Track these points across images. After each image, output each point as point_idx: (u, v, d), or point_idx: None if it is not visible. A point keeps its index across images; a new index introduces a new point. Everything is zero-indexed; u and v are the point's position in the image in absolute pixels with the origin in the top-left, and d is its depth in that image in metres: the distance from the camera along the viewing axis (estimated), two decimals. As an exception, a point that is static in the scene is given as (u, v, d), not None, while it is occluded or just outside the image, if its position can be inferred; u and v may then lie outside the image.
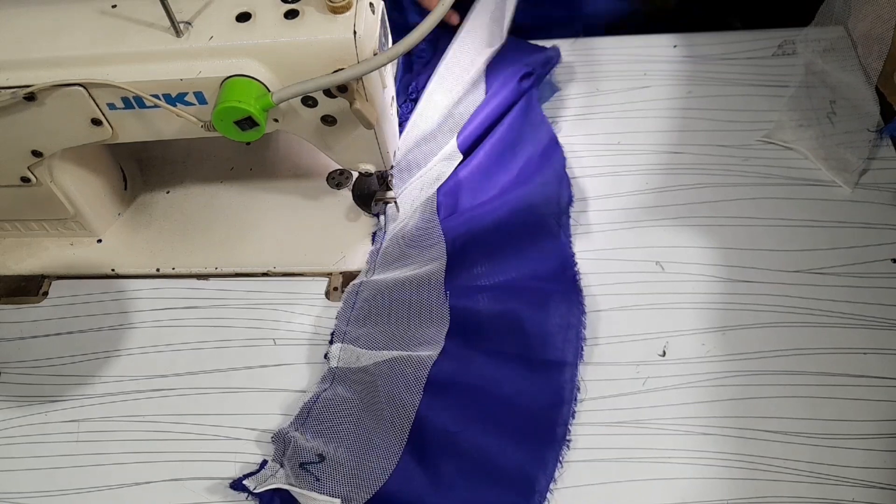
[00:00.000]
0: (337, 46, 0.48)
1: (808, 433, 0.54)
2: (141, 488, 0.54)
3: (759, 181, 0.67)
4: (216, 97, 0.49)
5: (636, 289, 0.61)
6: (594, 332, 0.59)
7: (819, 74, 0.71)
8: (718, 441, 0.54)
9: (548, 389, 0.55)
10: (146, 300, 0.63)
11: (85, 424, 0.57)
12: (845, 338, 0.58)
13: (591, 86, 0.74)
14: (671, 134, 0.71)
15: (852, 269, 0.62)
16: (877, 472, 0.52)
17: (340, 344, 0.58)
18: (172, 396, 0.58)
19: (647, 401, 0.56)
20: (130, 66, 0.49)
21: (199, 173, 0.70)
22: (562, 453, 0.53)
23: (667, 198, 0.66)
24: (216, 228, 0.67)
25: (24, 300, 0.64)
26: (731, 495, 0.52)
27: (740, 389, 0.56)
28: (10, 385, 0.60)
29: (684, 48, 0.77)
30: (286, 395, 0.58)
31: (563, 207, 0.63)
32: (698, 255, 0.63)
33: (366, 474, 0.52)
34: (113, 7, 0.51)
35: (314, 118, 0.54)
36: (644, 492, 0.52)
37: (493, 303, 0.59)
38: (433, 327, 0.58)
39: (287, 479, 0.52)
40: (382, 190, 0.64)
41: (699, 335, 0.59)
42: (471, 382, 0.56)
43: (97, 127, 0.53)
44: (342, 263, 0.64)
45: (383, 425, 0.54)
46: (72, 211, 0.63)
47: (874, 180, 0.66)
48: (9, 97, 0.50)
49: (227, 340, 0.61)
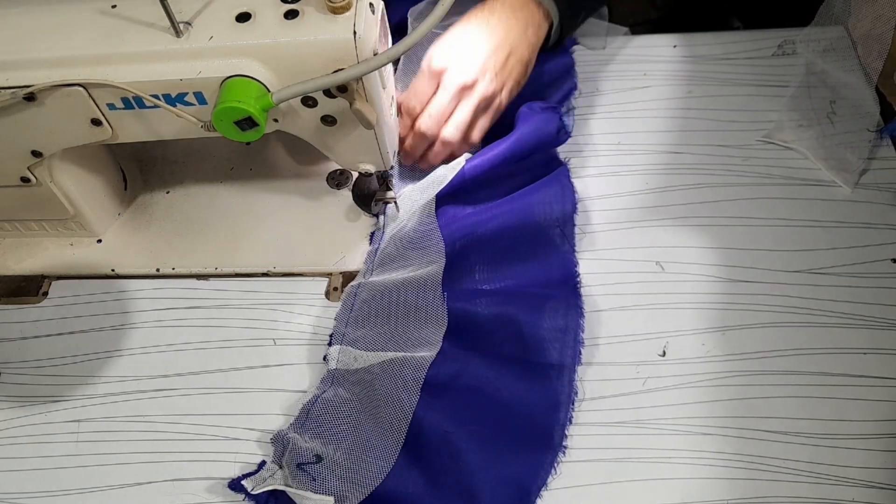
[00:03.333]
0: (337, 46, 0.48)
1: (808, 433, 0.54)
2: (142, 488, 0.54)
3: (759, 181, 0.67)
4: (216, 97, 0.49)
5: (636, 289, 0.61)
6: (594, 333, 0.59)
7: (819, 74, 0.71)
8: (718, 441, 0.54)
9: (545, 392, 0.55)
10: (146, 300, 0.63)
11: (86, 424, 0.57)
12: (845, 338, 0.58)
13: (591, 86, 0.74)
14: (671, 134, 0.71)
15: (852, 269, 0.62)
16: (877, 472, 0.52)
17: (339, 346, 0.58)
18: (173, 397, 0.58)
19: (647, 401, 0.56)
20: (130, 66, 0.49)
21: (199, 173, 0.70)
22: (557, 457, 0.53)
23: (667, 198, 0.66)
24: (216, 228, 0.67)
25: (24, 300, 0.64)
26: (731, 495, 0.52)
27: (740, 389, 0.56)
28: (11, 385, 0.60)
29: (684, 48, 0.77)
30: (286, 395, 0.58)
31: (568, 216, 0.63)
32: (698, 255, 0.63)
33: (362, 474, 0.52)
34: (113, 7, 0.51)
35: (314, 118, 0.54)
36: (644, 492, 0.52)
37: (491, 305, 0.58)
38: (431, 328, 0.58)
39: (284, 480, 0.52)
40: (382, 190, 0.64)
41: (699, 335, 0.59)
42: (468, 384, 0.56)
43: (97, 127, 0.53)
44: (342, 263, 0.64)
45: (381, 426, 0.54)
46: (72, 211, 0.63)
47: (874, 180, 0.66)
48: (9, 97, 0.50)
49: (228, 340, 0.61)
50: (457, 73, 0.61)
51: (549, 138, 0.65)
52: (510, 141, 0.63)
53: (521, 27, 0.63)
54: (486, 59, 0.61)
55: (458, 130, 0.62)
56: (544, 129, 0.64)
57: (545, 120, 0.65)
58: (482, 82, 0.61)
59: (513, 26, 0.62)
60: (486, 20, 0.62)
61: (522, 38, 0.63)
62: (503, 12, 0.63)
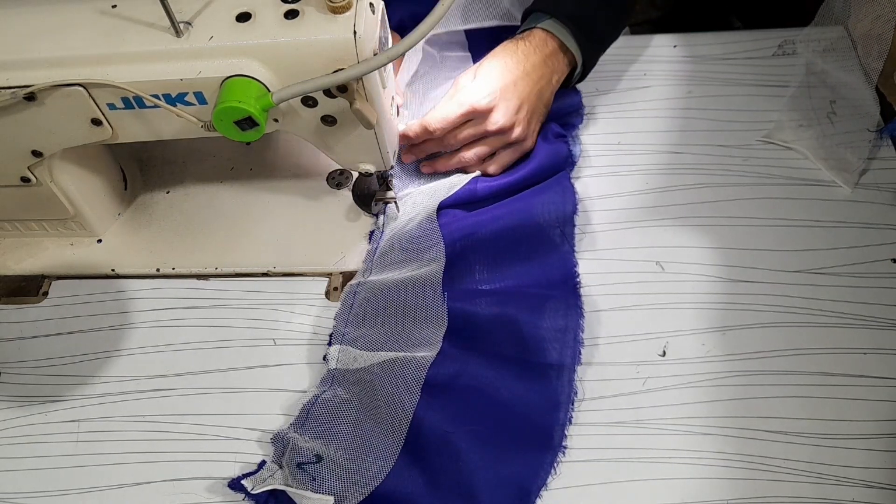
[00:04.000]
0: (337, 46, 0.48)
1: (808, 433, 0.54)
2: (141, 488, 0.54)
3: (760, 181, 0.67)
4: (216, 97, 0.49)
5: (636, 289, 0.61)
6: (594, 333, 0.59)
7: (819, 74, 0.71)
8: (718, 441, 0.54)
9: (545, 392, 0.55)
10: (146, 300, 0.63)
11: (85, 424, 0.57)
12: (845, 338, 0.58)
13: (591, 86, 0.74)
14: (671, 134, 0.71)
15: (852, 269, 0.62)
16: (877, 472, 0.52)
17: (339, 345, 0.58)
18: (172, 396, 0.58)
19: (647, 401, 0.56)
20: (130, 66, 0.49)
21: (199, 173, 0.70)
22: (557, 457, 0.53)
23: (667, 198, 0.66)
24: (216, 228, 0.67)
25: (24, 300, 0.64)
26: (732, 495, 0.52)
27: (740, 389, 0.56)
28: (10, 385, 0.60)
29: (684, 48, 0.77)
30: (286, 395, 0.58)
31: (568, 216, 0.63)
32: (698, 255, 0.63)
33: (362, 474, 0.52)
34: (113, 7, 0.51)
35: (314, 118, 0.54)
36: (644, 492, 0.52)
37: (490, 306, 0.58)
38: (431, 328, 0.58)
39: (284, 479, 0.52)
40: (382, 190, 0.64)
41: (699, 335, 0.59)
42: (468, 384, 0.56)
43: (97, 127, 0.53)
44: (342, 263, 0.64)
45: (381, 426, 0.54)
46: (72, 211, 0.63)
47: (874, 180, 0.66)
48: (9, 97, 0.50)
49: (228, 340, 0.61)
50: (494, 122, 0.62)
51: (559, 167, 0.66)
52: (525, 171, 0.65)
53: (549, 74, 0.66)
54: (519, 99, 0.63)
55: (500, 168, 0.66)
56: (556, 159, 0.66)
57: (556, 150, 0.66)
58: (516, 129, 0.64)
59: (543, 75, 0.65)
60: (521, 65, 0.64)
61: (549, 85, 0.66)
62: (535, 58, 0.65)
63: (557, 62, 0.66)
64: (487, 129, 0.63)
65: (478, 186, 0.64)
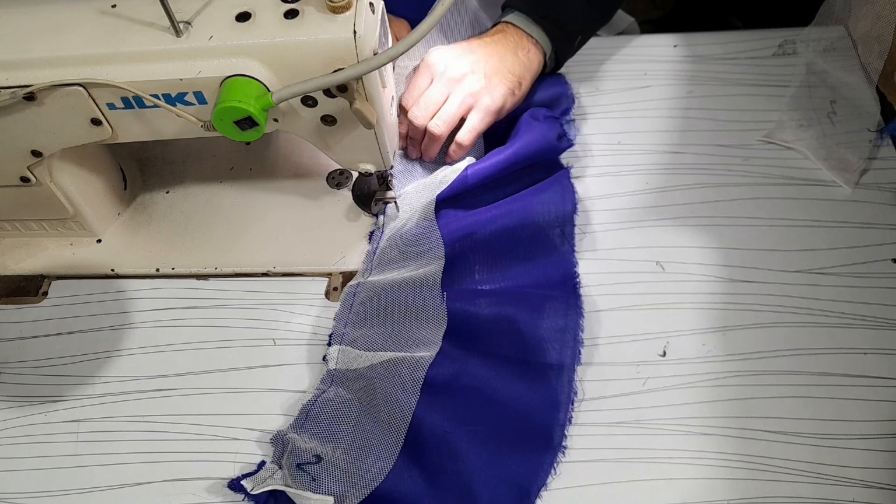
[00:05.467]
0: (337, 46, 0.48)
1: (808, 433, 0.54)
2: (141, 488, 0.54)
3: (760, 181, 0.67)
4: (216, 97, 0.49)
5: (636, 289, 0.61)
6: (594, 333, 0.59)
7: (819, 74, 0.71)
8: (718, 441, 0.54)
9: (544, 392, 0.55)
10: (146, 300, 0.63)
11: (85, 424, 0.57)
12: (845, 338, 0.58)
13: (591, 86, 0.74)
14: (671, 134, 0.71)
15: (852, 269, 0.62)
16: (877, 472, 0.52)
17: (338, 346, 0.58)
18: (172, 396, 0.58)
19: (647, 401, 0.56)
20: (130, 66, 0.49)
21: (199, 173, 0.70)
22: (557, 457, 0.53)
23: (667, 198, 0.66)
24: (216, 228, 0.67)
25: (23, 300, 0.64)
26: (732, 495, 0.52)
27: (740, 389, 0.56)
28: (10, 385, 0.60)
29: (684, 48, 0.77)
30: (286, 395, 0.58)
31: (567, 216, 0.63)
32: (699, 255, 0.63)
33: (362, 475, 0.52)
34: (113, 7, 0.51)
35: (314, 118, 0.54)
36: (644, 492, 0.52)
37: (490, 306, 0.58)
38: (430, 328, 0.58)
39: (284, 480, 0.52)
40: (382, 190, 0.64)
41: (699, 335, 0.59)
42: (467, 384, 0.56)
43: (97, 127, 0.53)
44: (342, 263, 0.64)
45: (380, 426, 0.54)
46: (71, 211, 0.63)
47: (874, 180, 0.66)
48: (9, 97, 0.50)
49: (227, 340, 0.61)
50: (449, 67, 0.65)
51: (552, 145, 0.66)
52: (513, 147, 0.64)
53: (512, 47, 0.67)
54: (477, 58, 0.65)
55: (445, 124, 0.64)
56: (546, 136, 0.65)
57: (547, 128, 0.66)
58: (471, 77, 0.64)
59: (504, 46, 0.67)
60: (484, 41, 0.67)
61: (515, 57, 0.67)
62: (496, 38, 0.67)
63: (520, 40, 0.67)
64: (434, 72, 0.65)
65: (468, 172, 0.64)
